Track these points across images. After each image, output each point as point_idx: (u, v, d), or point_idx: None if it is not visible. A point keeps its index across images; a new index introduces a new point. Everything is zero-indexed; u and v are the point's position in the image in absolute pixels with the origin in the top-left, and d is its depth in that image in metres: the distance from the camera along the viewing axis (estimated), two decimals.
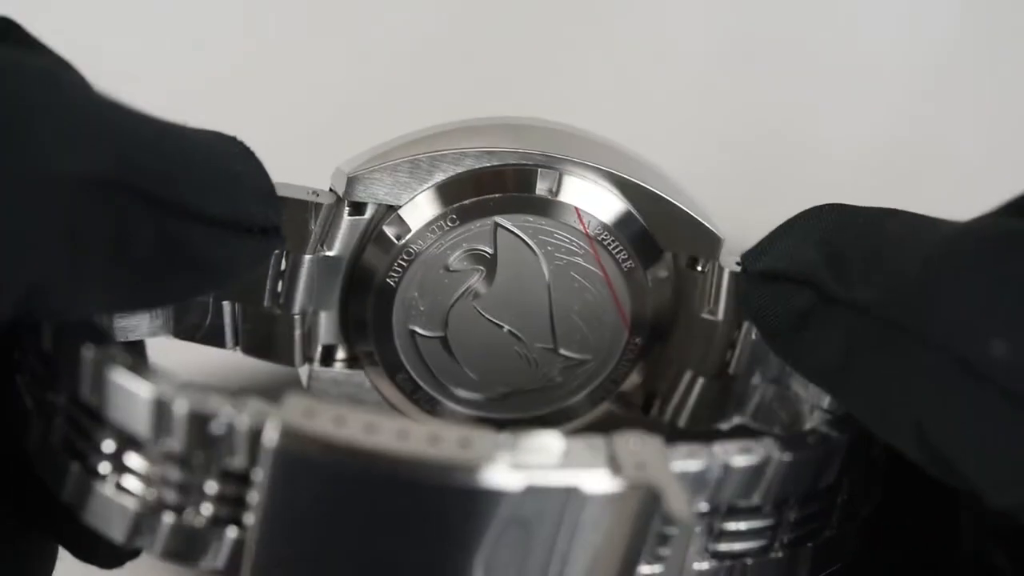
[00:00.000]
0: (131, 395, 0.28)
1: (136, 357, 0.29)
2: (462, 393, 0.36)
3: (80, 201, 0.27)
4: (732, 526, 0.31)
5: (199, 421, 0.28)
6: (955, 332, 0.27)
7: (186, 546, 0.29)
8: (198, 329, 0.35)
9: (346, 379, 0.36)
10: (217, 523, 0.29)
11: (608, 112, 0.35)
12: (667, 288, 0.34)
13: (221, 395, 0.28)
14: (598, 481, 0.27)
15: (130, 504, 0.29)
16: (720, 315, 0.35)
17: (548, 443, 0.27)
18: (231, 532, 0.29)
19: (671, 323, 0.35)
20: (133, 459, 0.29)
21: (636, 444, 0.28)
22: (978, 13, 0.73)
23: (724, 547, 0.31)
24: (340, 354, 0.36)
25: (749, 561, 0.31)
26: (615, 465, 0.27)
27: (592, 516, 0.28)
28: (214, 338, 0.35)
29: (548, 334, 0.35)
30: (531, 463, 0.27)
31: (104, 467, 0.29)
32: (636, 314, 0.35)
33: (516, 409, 0.36)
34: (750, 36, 0.73)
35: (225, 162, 0.30)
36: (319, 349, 0.36)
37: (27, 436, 0.31)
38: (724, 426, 0.37)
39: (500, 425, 0.36)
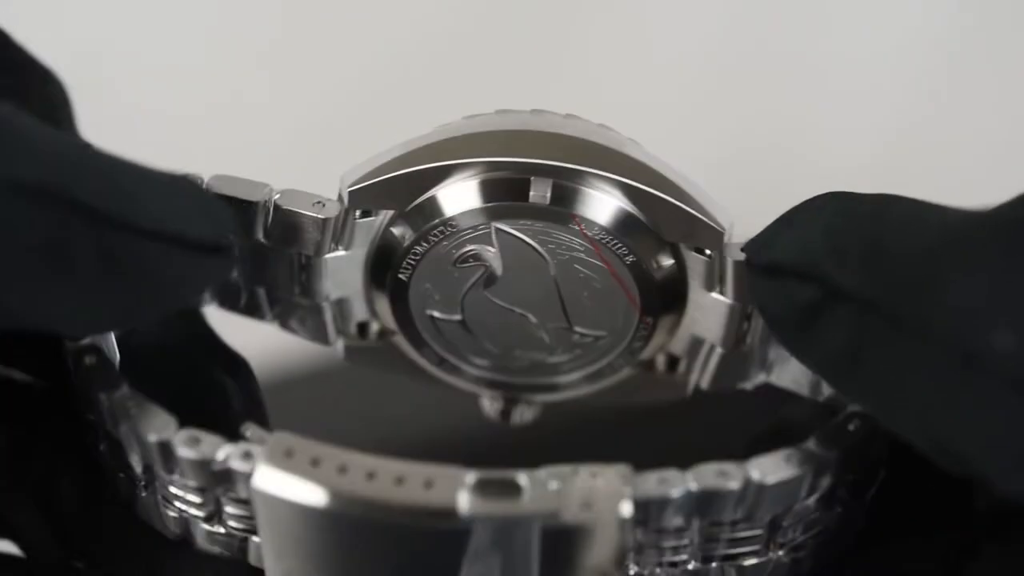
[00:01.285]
0: (139, 438, 0.31)
1: (142, 399, 0.31)
2: (485, 363, 0.37)
3: (8, 206, 0.27)
4: (721, 534, 0.32)
5: (200, 462, 0.30)
6: (958, 324, 0.27)
7: (226, 548, 0.33)
8: (237, 303, 0.37)
9: (380, 349, 0.38)
10: (245, 533, 0.32)
11: (609, 108, 0.35)
12: (673, 272, 0.35)
13: (216, 437, 0.30)
14: (551, 517, 0.29)
15: (170, 511, 0.33)
16: (730, 296, 0.35)
17: (511, 481, 0.29)
18: (257, 538, 0.32)
19: (682, 301, 0.35)
20: (160, 480, 0.32)
21: (596, 480, 0.29)
22: (980, 12, 0.68)
23: (718, 551, 0.32)
24: (374, 327, 0.37)
25: (747, 562, 0.32)
26: (566, 504, 0.29)
27: (553, 550, 0.29)
28: (253, 311, 0.37)
29: (561, 316, 0.36)
30: (491, 504, 0.29)
31: (141, 481, 0.33)
32: (645, 299, 0.35)
33: (539, 374, 0.37)
34: (753, 34, 0.71)
35: (172, 186, 0.30)
36: (353, 325, 0.37)
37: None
38: (748, 386, 0.37)
39: (523, 391, 0.38)
